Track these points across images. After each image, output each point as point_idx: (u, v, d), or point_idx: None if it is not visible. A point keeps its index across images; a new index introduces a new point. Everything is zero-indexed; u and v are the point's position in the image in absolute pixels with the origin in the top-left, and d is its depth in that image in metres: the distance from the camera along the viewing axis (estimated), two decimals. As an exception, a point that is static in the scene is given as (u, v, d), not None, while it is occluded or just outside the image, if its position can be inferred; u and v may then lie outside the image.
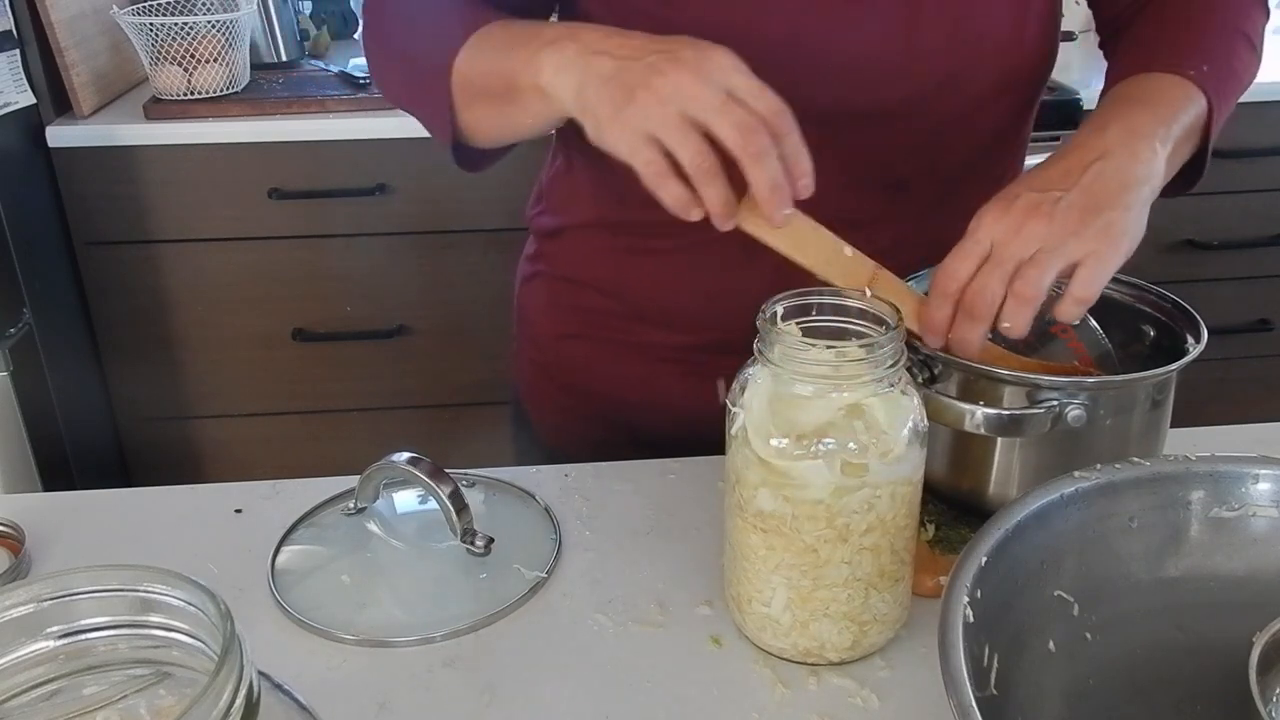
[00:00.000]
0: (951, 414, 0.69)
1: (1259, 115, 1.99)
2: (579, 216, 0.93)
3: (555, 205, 0.96)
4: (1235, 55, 0.81)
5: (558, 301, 0.98)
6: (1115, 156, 0.69)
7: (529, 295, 1.01)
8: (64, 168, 1.86)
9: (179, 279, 1.96)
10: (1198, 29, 0.81)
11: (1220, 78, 0.77)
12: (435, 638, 0.70)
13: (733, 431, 0.65)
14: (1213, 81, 0.76)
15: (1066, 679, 0.59)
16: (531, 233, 1.01)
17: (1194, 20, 0.82)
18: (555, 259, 0.97)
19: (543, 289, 0.99)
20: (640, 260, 0.90)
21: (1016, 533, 0.58)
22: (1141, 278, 0.81)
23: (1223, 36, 0.80)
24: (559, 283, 0.97)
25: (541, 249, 0.99)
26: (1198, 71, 0.75)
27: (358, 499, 0.81)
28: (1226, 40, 0.81)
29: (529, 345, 1.03)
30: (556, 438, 1.02)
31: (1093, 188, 0.67)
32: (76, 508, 0.85)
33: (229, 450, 2.11)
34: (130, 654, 0.42)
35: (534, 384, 1.03)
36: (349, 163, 1.89)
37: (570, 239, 0.95)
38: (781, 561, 0.64)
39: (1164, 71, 0.76)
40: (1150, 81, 0.76)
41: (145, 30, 1.87)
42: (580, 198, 0.92)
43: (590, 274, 0.94)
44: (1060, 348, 0.76)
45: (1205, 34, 0.80)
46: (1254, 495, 0.63)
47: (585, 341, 0.97)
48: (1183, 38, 0.80)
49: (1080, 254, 0.67)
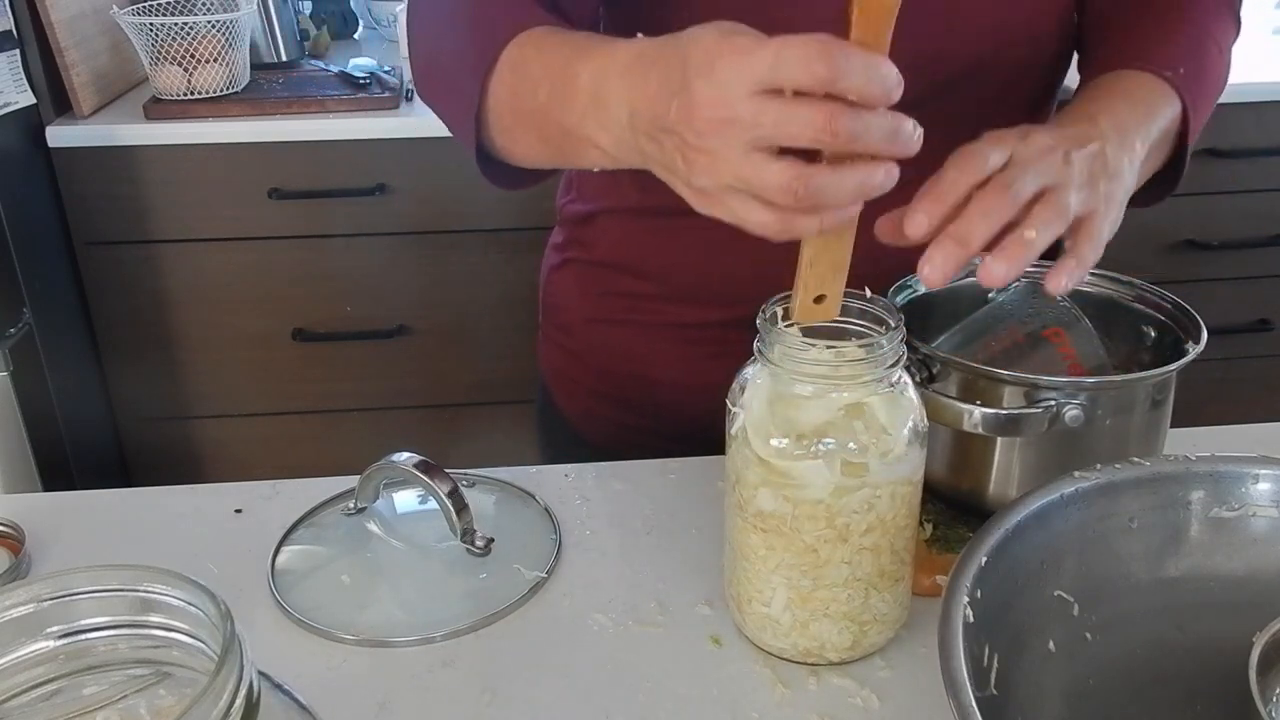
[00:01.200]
0: (950, 414, 0.69)
1: (1259, 115, 1.99)
2: (610, 201, 0.94)
3: (586, 192, 0.97)
4: (1208, 60, 0.79)
5: (588, 288, 0.99)
6: (1110, 144, 0.67)
7: (558, 284, 1.02)
8: (64, 168, 1.85)
9: (179, 279, 1.96)
10: (1173, 30, 0.80)
11: (1195, 82, 0.76)
12: (435, 638, 0.70)
13: (733, 431, 0.65)
14: (1189, 86, 0.75)
15: (1066, 679, 0.59)
16: (560, 221, 1.02)
17: (1169, 21, 0.81)
18: (586, 245, 0.98)
19: (573, 276, 1.00)
20: (673, 237, 0.90)
21: (1016, 533, 0.58)
22: (1141, 278, 0.81)
23: (1196, 41, 0.80)
24: (591, 269, 0.98)
25: (572, 236, 1.00)
26: (1174, 74, 0.74)
27: (358, 499, 0.81)
28: (1200, 45, 0.80)
29: (558, 334, 1.03)
30: (586, 427, 1.03)
31: (1094, 159, 0.65)
32: (76, 508, 0.85)
33: (229, 450, 2.11)
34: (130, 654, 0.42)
35: (563, 372, 1.04)
36: (349, 163, 1.89)
37: (602, 223, 0.96)
38: (781, 561, 0.64)
39: (1141, 70, 0.75)
40: (1129, 79, 0.75)
41: (145, 30, 1.87)
42: (610, 183, 0.93)
43: (623, 257, 0.95)
44: (1051, 353, 0.76)
45: (1179, 36, 0.79)
46: (1254, 495, 0.63)
47: (617, 325, 0.98)
48: (1158, 37, 0.79)
49: (1088, 207, 0.63)
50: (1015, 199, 0.60)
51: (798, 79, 0.52)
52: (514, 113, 0.71)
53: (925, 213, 0.60)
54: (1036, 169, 0.62)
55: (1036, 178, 0.61)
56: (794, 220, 0.55)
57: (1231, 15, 0.84)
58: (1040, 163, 0.62)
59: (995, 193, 0.60)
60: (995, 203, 0.60)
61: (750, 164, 0.54)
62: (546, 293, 1.04)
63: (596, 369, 1.01)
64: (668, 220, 0.65)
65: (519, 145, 0.73)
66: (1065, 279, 0.63)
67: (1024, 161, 0.62)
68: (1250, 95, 1.96)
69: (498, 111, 0.71)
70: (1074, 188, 0.62)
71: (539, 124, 0.69)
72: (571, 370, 1.03)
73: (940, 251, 0.59)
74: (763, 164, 0.54)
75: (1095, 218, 0.64)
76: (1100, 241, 0.64)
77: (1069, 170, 0.63)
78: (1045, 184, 0.62)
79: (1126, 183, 0.68)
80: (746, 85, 0.53)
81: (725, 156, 0.54)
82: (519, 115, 0.70)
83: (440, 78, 0.78)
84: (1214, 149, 1.99)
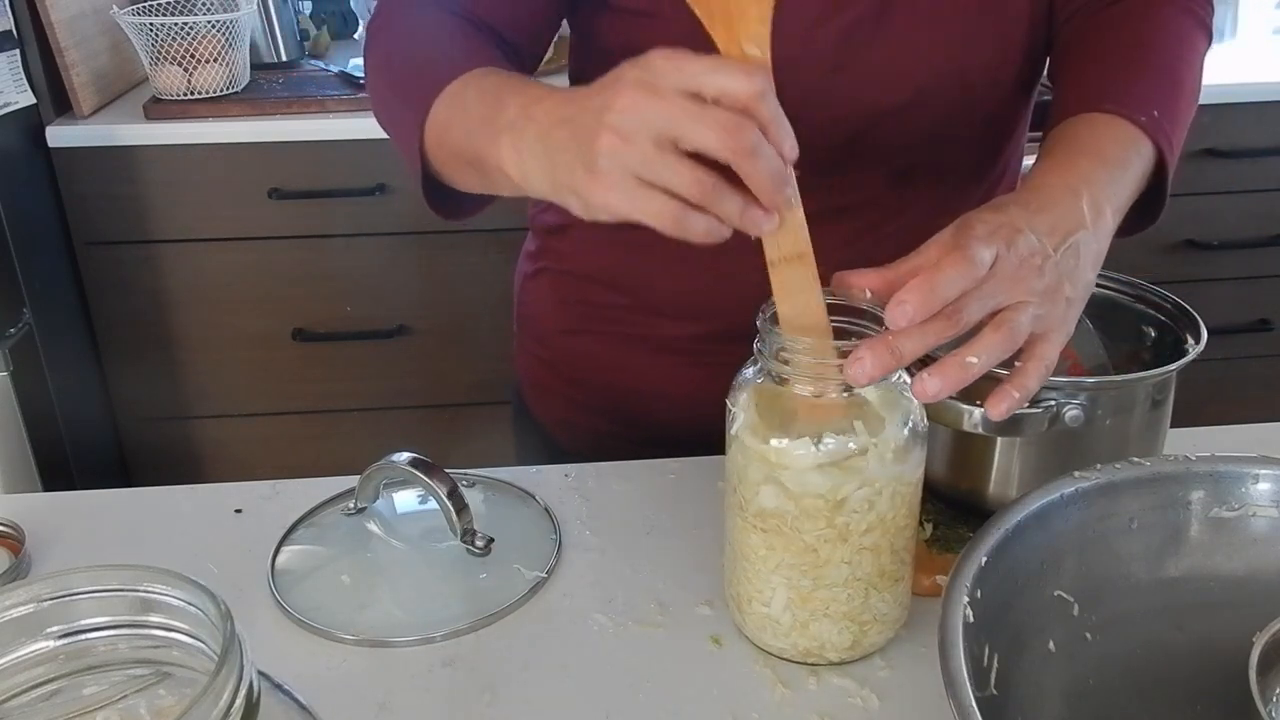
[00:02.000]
0: (950, 414, 0.69)
1: (1259, 115, 1.99)
2: None
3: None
4: (1184, 89, 0.78)
5: (562, 297, 0.98)
6: (1088, 233, 0.66)
7: (532, 292, 1.02)
8: (64, 168, 1.85)
9: (179, 279, 1.96)
10: (1144, 65, 0.78)
11: (1170, 122, 0.75)
12: (435, 638, 0.70)
13: (733, 431, 0.65)
14: (1162, 128, 0.74)
15: (1066, 679, 0.59)
16: (533, 230, 1.01)
17: (1139, 53, 0.79)
18: (559, 255, 0.98)
19: (546, 285, 1.00)
20: (646, 251, 0.90)
21: (1016, 533, 0.58)
22: (1141, 278, 0.81)
23: (1169, 72, 0.78)
24: (563, 278, 0.98)
25: (545, 245, 0.99)
26: (1149, 118, 0.73)
27: (358, 499, 0.81)
28: (1173, 76, 0.78)
29: (532, 342, 1.03)
30: (561, 434, 1.03)
31: (1067, 260, 0.64)
32: (76, 508, 0.85)
33: (229, 450, 2.11)
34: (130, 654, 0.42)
35: (538, 381, 1.03)
36: (349, 163, 1.89)
37: (575, 234, 0.95)
38: (781, 561, 0.64)
39: (1114, 115, 0.74)
40: (1102, 130, 0.73)
41: (145, 30, 1.87)
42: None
43: (596, 268, 0.95)
44: None
45: (1151, 72, 0.78)
46: (1254, 495, 0.63)
47: (591, 336, 0.97)
48: (1130, 74, 0.78)
49: (1043, 327, 0.62)
50: (962, 324, 0.59)
51: (726, 84, 0.55)
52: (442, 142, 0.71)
53: (913, 306, 0.58)
54: (1003, 289, 0.60)
55: (995, 299, 0.60)
56: (689, 215, 0.57)
57: (1202, 32, 0.82)
58: (1011, 277, 0.61)
59: (942, 318, 0.59)
60: (938, 326, 0.59)
61: (660, 153, 0.56)
62: (520, 302, 1.04)
63: (571, 378, 1.00)
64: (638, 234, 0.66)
65: (453, 173, 0.73)
66: (1005, 406, 0.62)
67: (998, 276, 0.60)
68: (1250, 95, 1.96)
69: (435, 143, 0.72)
70: (1033, 306, 0.61)
71: (462, 151, 0.69)
72: (546, 379, 1.02)
73: (872, 354, 0.58)
74: (674, 156, 0.56)
75: (1047, 340, 0.62)
76: (1048, 368, 0.63)
77: (1038, 284, 0.61)
78: (1004, 303, 0.61)
79: (1089, 279, 0.66)
80: (678, 80, 0.55)
81: (636, 140, 0.56)
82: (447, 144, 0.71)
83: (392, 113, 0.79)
84: (1214, 149, 1.99)
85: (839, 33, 0.79)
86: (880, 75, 0.81)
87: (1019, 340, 0.61)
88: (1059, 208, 0.66)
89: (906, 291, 0.58)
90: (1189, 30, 0.81)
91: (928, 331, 0.58)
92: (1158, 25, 0.81)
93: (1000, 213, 0.64)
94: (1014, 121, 0.91)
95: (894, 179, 0.86)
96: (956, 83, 0.83)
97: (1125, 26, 0.81)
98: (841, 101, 0.81)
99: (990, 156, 0.91)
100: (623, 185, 0.57)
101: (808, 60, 0.79)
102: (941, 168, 0.87)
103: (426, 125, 0.71)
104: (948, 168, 0.88)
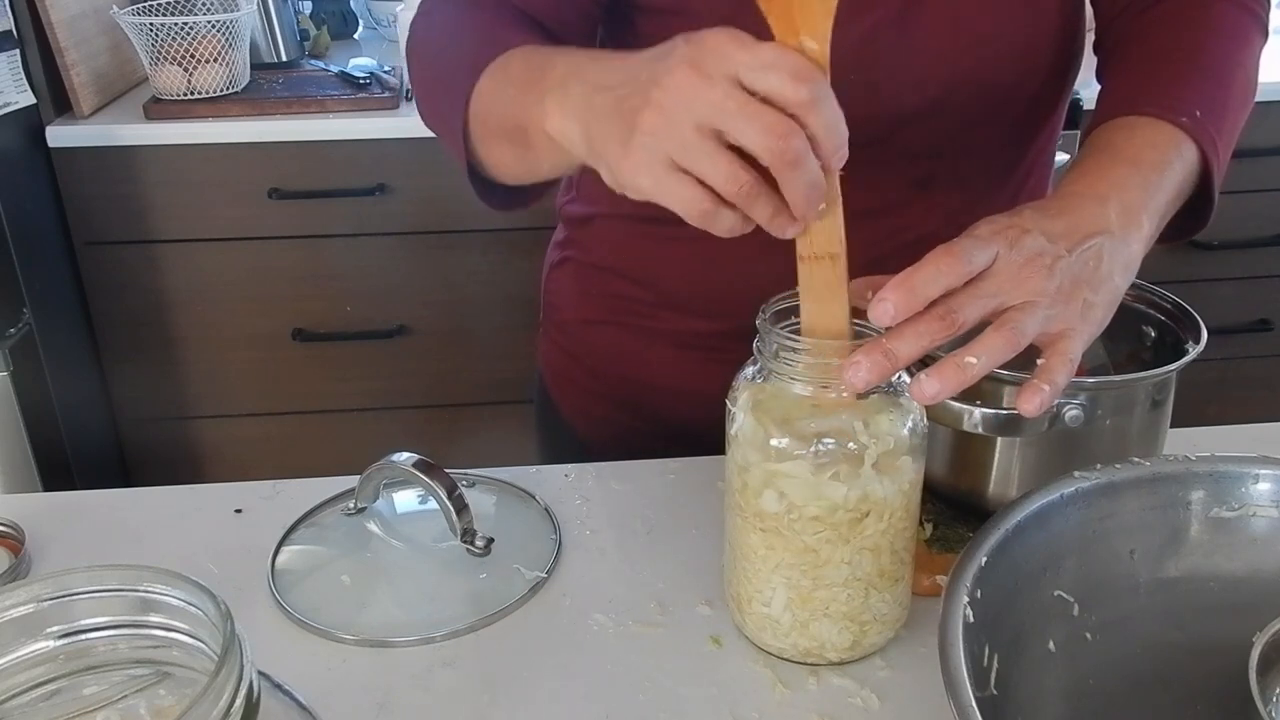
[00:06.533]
0: (950, 414, 0.69)
1: (1259, 115, 1.97)
2: (609, 205, 0.94)
3: (586, 194, 0.97)
4: (1233, 89, 0.76)
5: (586, 288, 0.99)
6: (1113, 238, 0.64)
7: (557, 281, 1.03)
8: (64, 168, 1.85)
9: (179, 279, 1.96)
10: (1191, 64, 0.76)
11: (1216, 120, 0.73)
12: (435, 638, 0.70)
13: (733, 431, 0.65)
14: (1205, 129, 0.72)
15: (1066, 679, 0.59)
16: (561, 220, 1.02)
17: (1187, 52, 0.77)
18: (584, 246, 0.98)
19: (571, 275, 1.00)
20: (669, 247, 0.90)
21: (1016, 533, 0.58)
22: (1141, 278, 0.81)
23: (1217, 71, 0.76)
24: (588, 269, 0.98)
25: (571, 236, 1.00)
26: (1190, 119, 0.71)
27: (358, 499, 0.81)
28: (1221, 74, 0.76)
29: (556, 331, 1.04)
30: (584, 425, 1.03)
31: (1088, 262, 0.63)
32: (76, 508, 0.85)
33: (229, 450, 2.11)
34: (130, 654, 0.42)
35: (561, 370, 1.04)
36: (349, 163, 1.89)
37: (600, 227, 0.96)
38: (781, 561, 0.64)
39: (1154, 117, 0.72)
40: (1141, 134, 0.72)
41: (145, 30, 1.87)
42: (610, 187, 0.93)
43: (619, 261, 0.95)
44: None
45: (1197, 73, 0.76)
46: (1254, 495, 0.63)
47: (613, 328, 0.98)
48: (1175, 73, 0.76)
49: (1061, 325, 0.61)
50: (958, 324, 0.58)
51: (777, 86, 0.53)
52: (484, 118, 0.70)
53: (893, 304, 0.57)
54: (1003, 289, 0.60)
55: (996, 299, 0.59)
56: (717, 209, 0.56)
57: (1257, 27, 0.80)
58: (1014, 277, 0.60)
59: (935, 318, 0.58)
60: (933, 328, 0.58)
61: (701, 140, 0.54)
62: (546, 290, 1.05)
63: (591, 368, 1.01)
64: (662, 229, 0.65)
65: (493, 154, 0.72)
66: (1038, 401, 0.60)
67: (998, 275, 0.60)
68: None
69: (478, 118, 0.71)
70: (1042, 307, 0.60)
71: (503, 124, 0.68)
72: (568, 369, 1.03)
73: (868, 359, 0.58)
74: (714, 145, 0.54)
75: (1069, 337, 0.61)
76: (1073, 362, 0.61)
77: (1047, 284, 0.60)
78: (1008, 303, 0.60)
79: (1126, 277, 0.65)
80: (731, 67, 0.53)
81: (678, 123, 0.54)
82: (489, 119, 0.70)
83: (435, 98, 0.78)
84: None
85: (860, 37, 0.78)
86: (903, 80, 0.80)
87: (1023, 341, 0.60)
88: (1080, 212, 0.65)
89: (887, 289, 0.58)
90: (1242, 26, 0.79)
91: (922, 333, 0.58)
92: (1206, 22, 0.78)
93: (1012, 216, 0.63)
94: (1042, 125, 0.90)
95: (917, 183, 0.85)
96: (981, 87, 0.82)
97: (1171, 25, 0.79)
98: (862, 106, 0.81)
99: (1016, 161, 0.90)
100: (654, 169, 0.56)
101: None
102: (966, 172, 0.87)
103: (471, 99, 0.70)
104: (972, 172, 0.87)
